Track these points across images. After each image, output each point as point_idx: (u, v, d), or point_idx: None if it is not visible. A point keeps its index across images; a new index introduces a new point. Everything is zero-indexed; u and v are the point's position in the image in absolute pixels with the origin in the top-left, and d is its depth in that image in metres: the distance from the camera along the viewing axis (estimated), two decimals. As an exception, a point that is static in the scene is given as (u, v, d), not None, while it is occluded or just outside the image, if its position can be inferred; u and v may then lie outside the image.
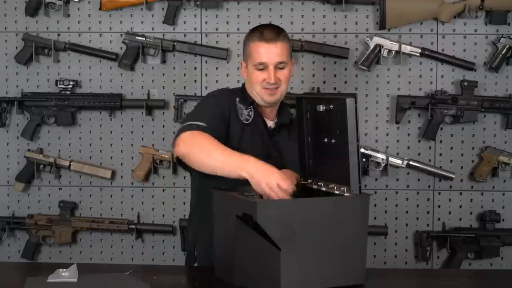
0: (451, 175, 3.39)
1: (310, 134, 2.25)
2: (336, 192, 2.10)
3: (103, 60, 3.43)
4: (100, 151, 3.48)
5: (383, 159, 3.38)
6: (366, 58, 3.35)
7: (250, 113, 2.46)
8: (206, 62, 3.43)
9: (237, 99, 2.46)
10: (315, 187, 2.21)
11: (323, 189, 2.16)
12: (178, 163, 2.36)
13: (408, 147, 3.43)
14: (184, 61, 3.44)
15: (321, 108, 2.13)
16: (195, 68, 3.44)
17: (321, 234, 1.98)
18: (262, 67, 2.39)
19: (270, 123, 2.50)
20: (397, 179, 3.44)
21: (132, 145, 3.46)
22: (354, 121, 2.01)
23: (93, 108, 3.42)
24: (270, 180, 2.05)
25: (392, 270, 3.12)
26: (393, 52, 3.36)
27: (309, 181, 2.25)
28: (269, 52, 2.38)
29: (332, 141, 2.12)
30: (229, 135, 2.37)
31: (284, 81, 2.42)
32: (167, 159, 3.39)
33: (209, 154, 2.17)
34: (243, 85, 2.55)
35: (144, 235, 3.49)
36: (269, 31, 2.41)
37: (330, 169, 2.15)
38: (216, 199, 2.17)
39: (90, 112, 3.45)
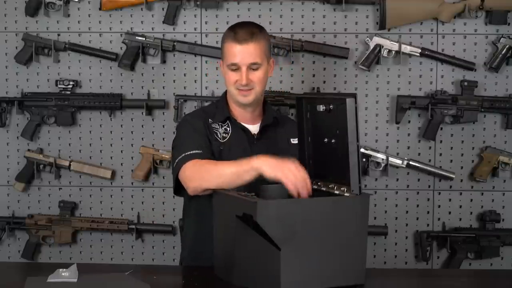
0: (451, 175, 3.39)
1: (310, 134, 2.25)
2: (336, 192, 2.10)
3: (103, 60, 3.43)
4: (100, 151, 3.48)
5: (383, 159, 3.38)
6: (366, 58, 3.35)
7: (228, 129, 2.44)
8: (206, 62, 3.43)
9: (210, 120, 2.44)
10: (315, 187, 2.21)
11: (323, 189, 2.16)
12: (175, 193, 2.45)
13: (408, 147, 3.43)
14: (184, 61, 3.44)
15: (321, 108, 2.13)
16: (195, 68, 3.44)
17: (321, 234, 1.98)
18: (235, 67, 2.37)
19: (254, 129, 2.47)
20: (397, 179, 3.44)
21: (132, 145, 3.46)
22: (354, 121, 2.01)
23: (93, 108, 3.42)
24: (286, 165, 2.09)
25: (392, 270, 3.12)
26: (393, 52, 3.36)
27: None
28: (241, 52, 2.35)
29: (332, 141, 2.12)
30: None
31: (258, 82, 2.38)
32: (167, 159, 3.39)
33: (218, 176, 2.20)
34: (224, 94, 2.52)
35: (144, 235, 3.49)
36: (243, 31, 2.37)
37: (330, 169, 2.14)
38: (216, 199, 2.17)
39: (90, 112, 3.45)
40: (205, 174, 2.23)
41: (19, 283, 2.06)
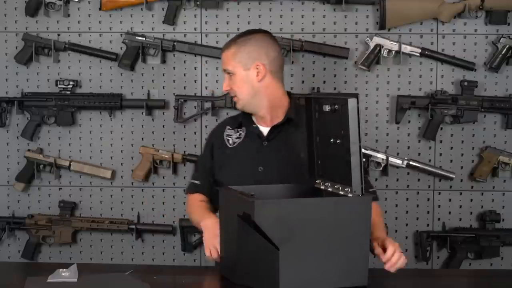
0: (451, 175, 3.38)
1: (319, 134, 2.23)
2: (341, 192, 2.09)
3: (103, 60, 3.43)
4: (100, 151, 3.47)
5: (383, 159, 3.38)
6: (366, 58, 3.35)
7: (242, 134, 2.49)
8: (206, 62, 3.43)
9: (227, 127, 2.53)
10: (322, 187, 2.20)
11: (330, 189, 2.16)
12: None
13: (408, 147, 3.43)
14: (184, 61, 3.44)
15: (327, 108, 2.12)
16: (195, 68, 3.44)
17: (321, 234, 1.97)
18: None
19: (266, 130, 2.49)
20: (397, 179, 3.44)
21: (132, 145, 3.46)
22: (356, 121, 2.01)
23: (93, 108, 3.42)
24: (211, 242, 2.24)
25: (392, 270, 3.11)
26: (393, 52, 3.36)
27: (317, 181, 2.24)
28: (222, 59, 2.47)
29: (338, 141, 2.11)
30: (213, 166, 2.53)
31: (237, 89, 2.43)
32: (167, 159, 3.39)
33: (191, 216, 2.57)
34: None
35: (144, 235, 3.49)
36: (232, 39, 2.47)
37: (336, 169, 2.14)
38: (221, 197, 2.18)
39: (90, 112, 3.45)
40: (189, 211, 2.60)
41: (19, 283, 2.06)
